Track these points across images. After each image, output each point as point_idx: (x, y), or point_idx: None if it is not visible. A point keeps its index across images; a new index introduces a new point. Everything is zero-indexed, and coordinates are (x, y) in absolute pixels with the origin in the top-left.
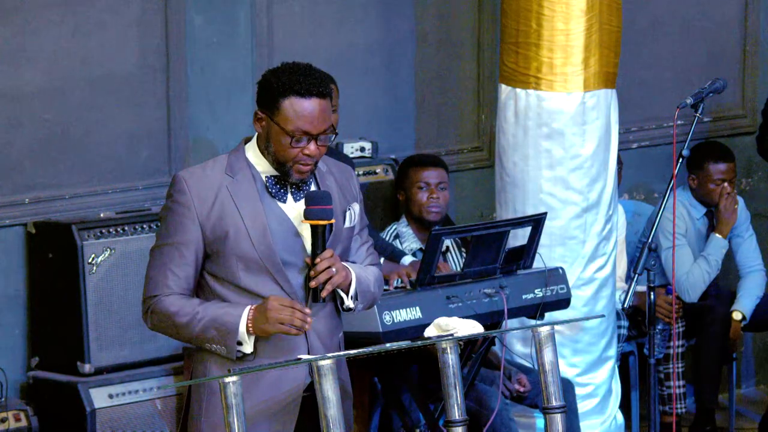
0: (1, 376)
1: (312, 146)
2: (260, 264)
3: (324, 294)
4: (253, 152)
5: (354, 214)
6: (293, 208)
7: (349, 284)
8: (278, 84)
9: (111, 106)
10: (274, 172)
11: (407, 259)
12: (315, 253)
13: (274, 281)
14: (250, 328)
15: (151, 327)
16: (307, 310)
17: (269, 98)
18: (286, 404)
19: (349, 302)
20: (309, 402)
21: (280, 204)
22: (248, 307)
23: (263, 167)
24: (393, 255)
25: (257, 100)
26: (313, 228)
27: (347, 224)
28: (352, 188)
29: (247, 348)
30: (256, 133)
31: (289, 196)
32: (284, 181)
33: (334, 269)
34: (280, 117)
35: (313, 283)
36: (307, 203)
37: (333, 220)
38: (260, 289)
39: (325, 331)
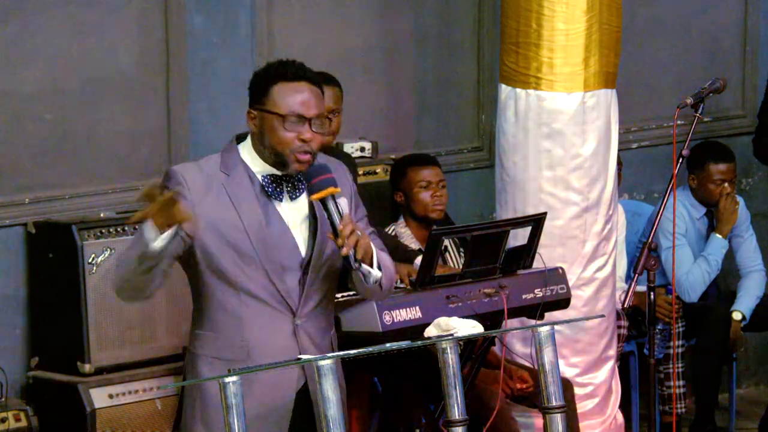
0: (1, 376)
1: (307, 130)
2: (258, 263)
3: (359, 256)
4: (247, 152)
5: (341, 207)
6: (290, 209)
7: (371, 255)
8: (267, 75)
9: (111, 106)
10: (271, 171)
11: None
12: (333, 224)
13: (269, 280)
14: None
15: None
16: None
17: (259, 90)
18: (280, 408)
19: (376, 271)
20: (301, 400)
21: (276, 204)
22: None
23: (259, 167)
24: (406, 255)
25: (249, 101)
26: (323, 201)
27: None
28: (344, 182)
29: (155, 239)
30: (249, 135)
31: (286, 195)
32: (280, 180)
33: (359, 232)
34: (271, 104)
35: (345, 250)
36: (308, 179)
37: (339, 189)
38: (253, 287)
39: (315, 330)
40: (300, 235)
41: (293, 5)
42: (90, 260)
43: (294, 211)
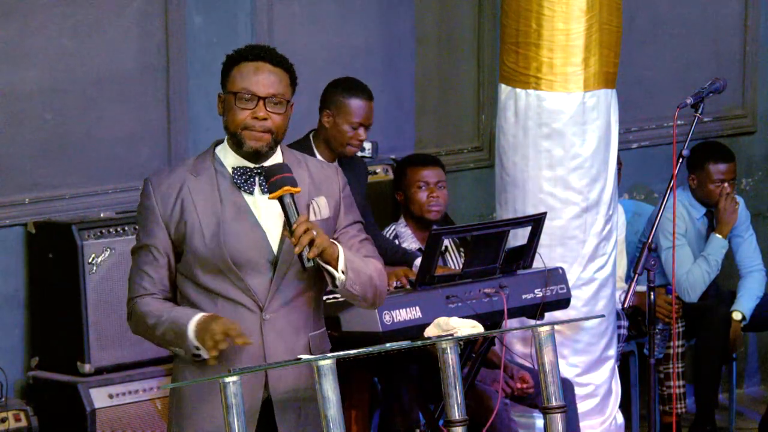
0: (1, 376)
1: (260, 108)
2: (211, 262)
3: (312, 255)
4: (224, 146)
5: (319, 206)
6: (264, 203)
7: (337, 258)
8: (232, 57)
9: (111, 106)
10: (242, 163)
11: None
12: (289, 222)
13: (228, 280)
14: (198, 334)
15: (133, 331)
16: (246, 341)
17: (224, 72)
18: (245, 414)
19: (340, 274)
20: (265, 410)
21: (247, 197)
22: (201, 314)
23: (231, 160)
24: (405, 258)
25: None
26: (281, 200)
27: (312, 217)
28: (331, 184)
29: (204, 353)
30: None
31: (257, 187)
32: (251, 172)
33: (314, 232)
34: (229, 83)
35: (297, 249)
36: (266, 178)
37: (299, 189)
38: (219, 287)
39: (287, 328)
40: (273, 229)
41: (293, 5)
42: (90, 260)
43: (268, 206)
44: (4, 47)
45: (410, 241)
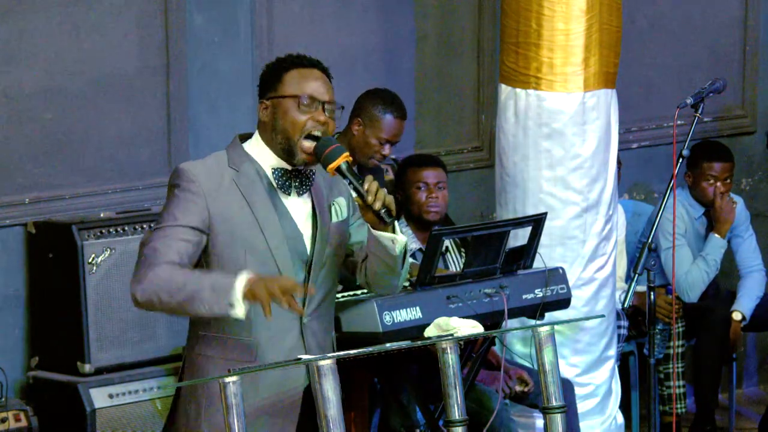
0: (1, 376)
1: (320, 113)
2: (270, 257)
3: (393, 207)
4: (256, 146)
5: (340, 207)
6: (296, 205)
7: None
8: (279, 64)
9: (111, 106)
10: (280, 165)
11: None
12: (356, 187)
13: (279, 274)
14: (246, 289)
15: (141, 297)
16: (298, 297)
17: (272, 78)
18: (286, 405)
19: (401, 236)
20: (309, 397)
21: (284, 199)
22: (249, 272)
23: (267, 161)
24: None
25: (260, 93)
26: (339, 169)
27: (335, 219)
28: (340, 186)
29: (239, 310)
30: (256, 130)
31: (294, 189)
32: (289, 174)
33: (384, 189)
34: (285, 88)
35: (377, 205)
36: (320, 152)
37: (351, 157)
38: None
39: (320, 330)
40: (306, 231)
41: (293, 5)
42: (90, 260)
43: (300, 207)
44: (4, 47)
45: (410, 241)
